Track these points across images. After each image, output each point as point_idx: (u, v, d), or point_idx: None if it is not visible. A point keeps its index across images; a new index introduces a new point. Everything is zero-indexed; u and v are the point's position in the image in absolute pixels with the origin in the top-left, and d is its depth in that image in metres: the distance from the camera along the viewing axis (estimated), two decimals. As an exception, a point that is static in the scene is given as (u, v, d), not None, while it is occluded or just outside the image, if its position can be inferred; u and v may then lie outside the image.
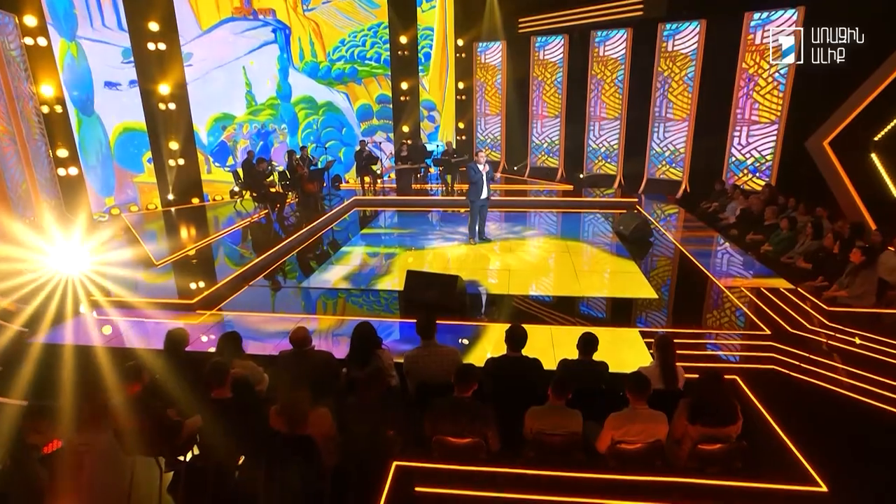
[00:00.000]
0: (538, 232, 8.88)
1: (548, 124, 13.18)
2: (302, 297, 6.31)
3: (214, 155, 11.60)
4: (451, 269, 6.93)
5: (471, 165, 7.54)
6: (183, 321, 5.45)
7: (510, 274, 6.71)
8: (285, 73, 12.42)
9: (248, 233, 8.93)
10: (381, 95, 13.96)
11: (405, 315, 5.54)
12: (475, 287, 6.35)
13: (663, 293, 6.05)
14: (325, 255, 7.91)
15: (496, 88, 14.00)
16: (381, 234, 9.06)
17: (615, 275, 6.72)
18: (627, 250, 7.53)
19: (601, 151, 12.38)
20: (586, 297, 5.92)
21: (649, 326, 5.12)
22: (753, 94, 9.95)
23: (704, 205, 9.70)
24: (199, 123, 11.11)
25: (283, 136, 12.75)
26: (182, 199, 10.80)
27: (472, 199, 7.71)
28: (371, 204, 11.42)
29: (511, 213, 10.19)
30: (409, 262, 7.26)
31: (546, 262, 7.22)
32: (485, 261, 7.29)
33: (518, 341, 3.66)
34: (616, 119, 12.00)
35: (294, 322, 5.31)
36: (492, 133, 14.45)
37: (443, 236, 8.51)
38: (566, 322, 5.21)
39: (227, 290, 6.32)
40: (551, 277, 6.61)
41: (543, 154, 13.48)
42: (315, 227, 9.25)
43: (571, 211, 10.35)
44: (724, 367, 4.33)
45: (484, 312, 5.78)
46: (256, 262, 7.21)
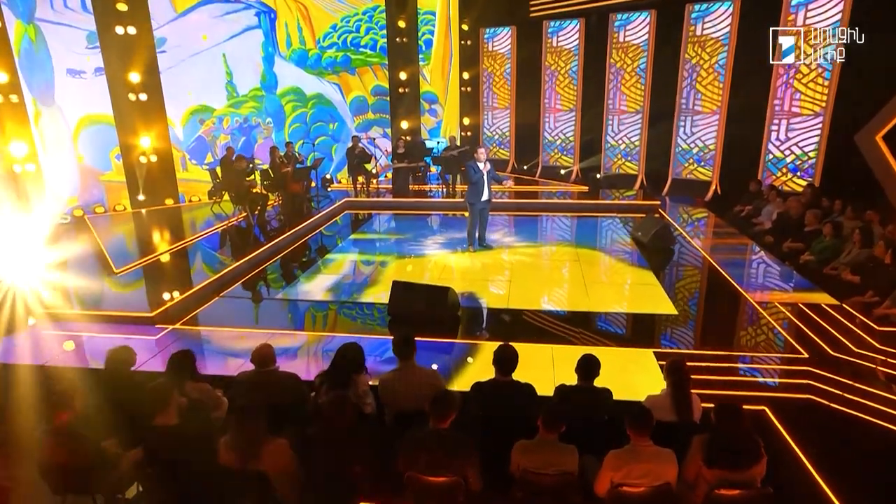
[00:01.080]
0: (547, 238, 8.87)
1: (562, 118, 13.11)
2: (279, 309, 6.28)
3: (191, 152, 11.62)
4: (446, 278, 6.89)
5: (470, 164, 7.47)
6: (139, 337, 5.37)
7: (511, 285, 6.65)
8: (270, 61, 12.44)
9: (225, 238, 8.94)
10: (377, 87, 13.96)
11: (392, 331, 5.50)
12: (471, 300, 6.28)
13: (684, 309, 5.94)
14: (309, 263, 7.92)
15: (505, 79, 13.97)
16: (373, 240, 9.07)
17: (630, 287, 6.64)
18: (646, 259, 7.46)
19: (620, 149, 12.31)
20: (595, 313, 5.81)
21: (666, 347, 4.99)
22: (794, 83, 9.76)
23: (737, 208, 9.52)
24: (173, 117, 11.13)
25: (269, 131, 12.76)
26: (154, 200, 10.81)
27: (471, 201, 7.63)
28: (364, 206, 11.42)
29: (519, 218, 10.19)
30: (407, 269, 7.26)
31: (553, 272, 7.19)
32: (484, 270, 7.25)
33: (507, 363, 3.53)
34: (637, 112, 11.92)
35: (267, 337, 5.23)
36: (500, 128, 14.41)
37: (441, 242, 8.49)
38: (570, 340, 5.12)
39: (194, 301, 6.26)
40: (557, 289, 6.55)
41: (556, 152, 13.39)
42: (299, 231, 9.22)
43: (587, 215, 10.31)
44: (751, 396, 4.14)
45: (479, 329, 5.71)
46: (230, 271, 7.16)
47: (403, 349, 3.74)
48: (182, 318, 5.85)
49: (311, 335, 5.41)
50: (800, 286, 6.36)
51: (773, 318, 5.56)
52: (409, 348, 3.76)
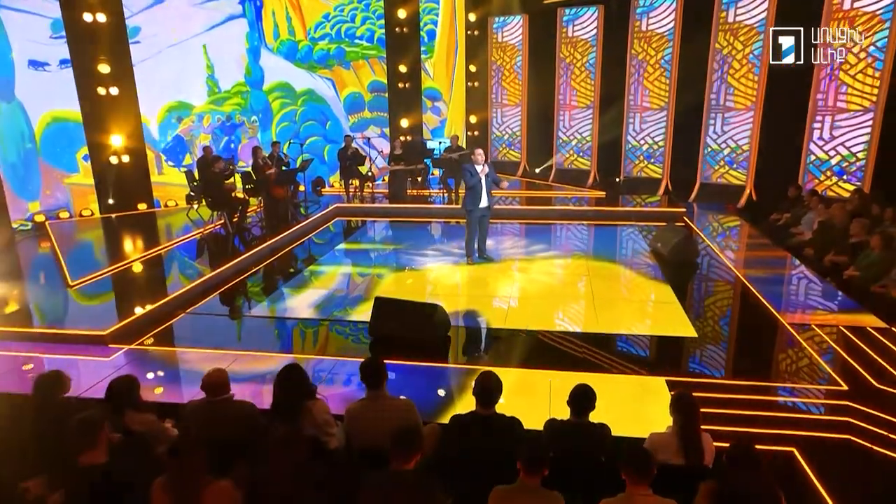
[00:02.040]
0: (557, 249, 8.76)
1: (578, 116, 13.03)
2: (255, 327, 6.24)
3: (167, 152, 11.67)
4: (439, 294, 6.82)
5: (466, 167, 7.40)
6: (90, 358, 5.30)
7: (511, 302, 6.55)
8: (256, 54, 12.50)
9: (201, 247, 8.93)
10: (374, 83, 13.95)
11: (378, 354, 5.29)
12: (466, 318, 6.19)
13: (706, 332, 5.79)
14: (292, 275, 7.91)
15: (515, 73, 13.94)
16: (364, 251, 9.07)
17: (646, 305, 6.52)
18: (666, 274, 7.36)
19: (643, 150, 12.19)
20: (603, 334, 5.67)
21: (681, 374, 4.83)
22: (840, 75, 9.56)
23: (773, 216, 9.32)
24: (148, 114, 11.20)
25: (254, 130, 12.80)
26: (125, 205, 10.86)
27: (468, 208, 7.54)
28: (356, 212, 11.41)
29: (530, 226, 10.15)
30: (407, 283, 7.27)
31: (559, 287, 7.11)
32: (482, 285, 7.17)
33: (487, 394, 3.39)
34: (662, 109, 11.83)
35: (237, 359, 5.18)
36: (510, 127, 14.37)
37: (439, 254, 8.45)
38: (572, 365, 4.97)
39: (157, 317, 6.21)
40: (563, 307, 6.44)
41: (572, 153, 13.30)
42: (282, 240, 9.20)
43: (605, 224, 10.22)
44: (778, 435, 3.93)
45: (473, 352, 5.63)
46: (200, 284, 7.10)
47: (371, 376, 3.61)
48: (140, 337, 5.76)
49: (292, 357, 5.31)
50: (843, 306, 6.18)
51: (810, 343, 5.36)
52: (379, 375, 3.63)
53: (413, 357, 5.08)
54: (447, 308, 6.05)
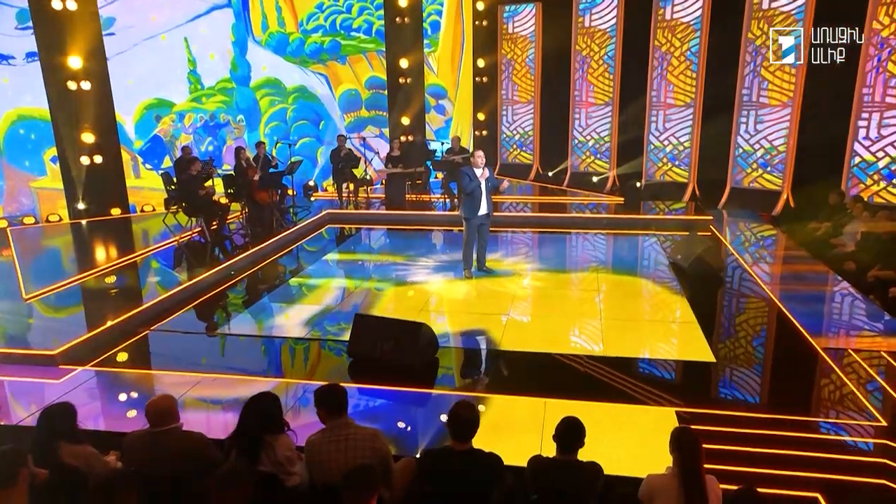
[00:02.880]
0: (566, 262, 8.72)
1: (595, 114, 13.00)
2: (228, 345, 6.20)
3: (145, 154, 11.74)
4: (431, 311, 6.75)
5: (464, 170, 7.37)
6: (38, 380, 5.24)
7: (510, 321, 6.47)
8: (242, 47, 12.58)
9: (174, 257, 8.95)
10: (372, 79, 14.01)
11: (354, 377, 5.33)
12: (457, 339, 6.12)
13: (726, 356, 5.64)
14: (270, 289, 7.92)
15: (527, 67, 13.97)
16: (354, 261, 9.06)
17: (661, 325, 6.37)
18: (685, 290, 7.26)
19: (667, 151, 12.15)
20: (608, 358, 5.52)
21: (693, 405, 4.64)
22: (889, 66, 9.38)
23: (812, 226, 9.12)
24: (124, 112, 11.29)
25: (240, 130, 12.86)
26: (98, 210, 10.92)
27: (466, 215, 7.50)
28: (349, 219, 11.44)
29: (541, 235, 10.17)
30: (409, 295, 7.29)
31: (564, 303, 7.02)
32: (480, 302, 7.11)
33: (463, 427, 3.29)
34: (688, 106, 11.76)
35: (196, 383, 5.11)
36: (522, 127, 14.37)
37: (436, 265, 8.43)
38: (569, 393, 4.81)
39: (118, 334, 6.15)
40: (565, 327, 6.31)
41: (588, 155, 13.24)
42: (265, 249, 9.18)
43: (623, 233, 10.14)
44: (800, 478, 3.74)
45: (462, 376, 5.53)
46: (169, 298, 7.05)
47: (330, 402, 3.50)
48: (96, 357, 5.68)
49: (261, 381, 5.23)
50: (888, 328, 5.99)
51: (846, 371, 5.15)
52: (338, 402, 3.52)
53: (396, 381, 5.02)
54: (438, 326, 6.03)
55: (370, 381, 5.12)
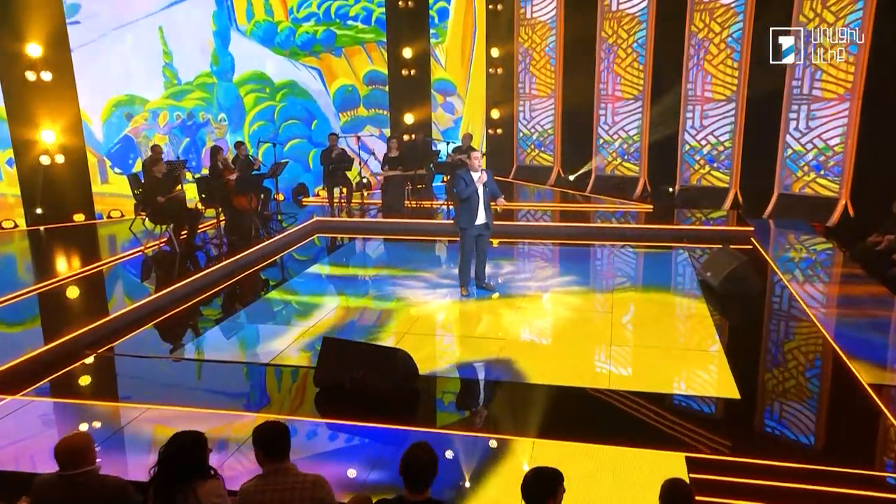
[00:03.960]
0: (580, 279, 8.59)
1: (623, 110, 13.01)
2: (171, 373, 6.17)
3: (114, 157, 11.80)
4: (419, 333, 6.72)
5: (459, 174, 7.36)
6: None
7: (505, 347, 6.37)
8: (225, 38, 12.67)
9: (137, 270, 8.98)
10: (371, 73, 14.04)
11: (323, 411, 5.26)
12: (444, 368, 6.02)
13: (753, 392, 5.47)
14: (238, 307, 7.93)
15: (547, 57, 13.98)
16: (342, 276, 9.06)
17: (679, 354, 6.22)
18: (713, 313, 7.14)
19: (704, 152, 12.08)
20: (613, 392, 5.39)
21: (706, 450, 4.46)
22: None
23: (872, 239, 8.87)
24: (90, 110, 11.37)
25: (222, 131, 12.91)
26: (58, 215, 10.98)
27: (462, 225, 7.47)
28: (339, 228, 11.46)
29: (562, 248, 10.20)
30: (395, 314, 7.29)
31: (568, 326, 6.99)
32: (476, 324, 7.08)
33: (419, 473, 3.14)
34: (729, 100, 11.69)
35: (139, 414, 5.07)
36: (540, 124, 14.41)
37: (432, 281, 8.42)
38: (562, 432, 4.70)
39: (58, 357, 6.08)
40: (567, 354, 6.21)
41: (615, 156, 13.19)
42: (240, 261, 9.15)
43: (653, 246, 10.07)
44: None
45: (445, 411, 5.47)
46: (119, 318, 7.00)
47: (269, 444, 3.41)
48: (27, 387, 5.59)
49: (218, 413, 5.16)
50: None
51: None
52: (277, 443, 3.42)
53: (365, 415, 4.93)
54: (423, 351, 6.03)
55: (336, 416, 5.06)
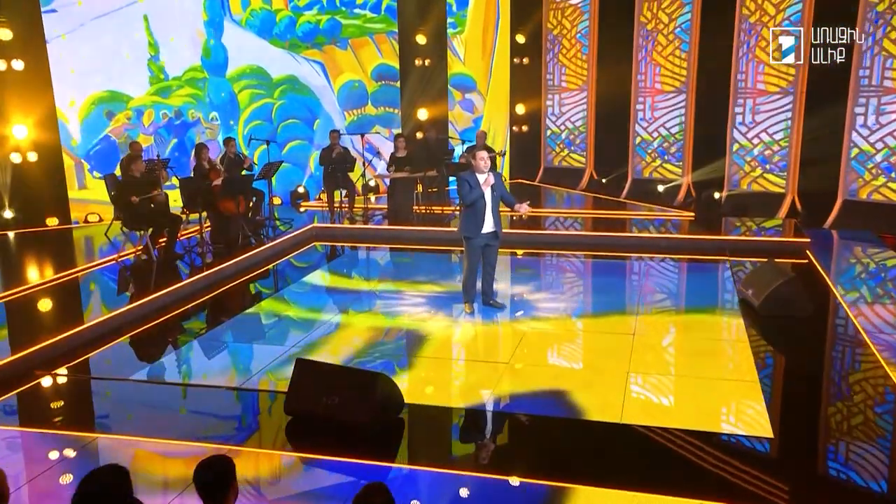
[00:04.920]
0: (604, 295, 8.64)
1: (664, 104, 12.91)
2: (127, 397, 6.21)
3: (93, 159, 11.94)
4: (408, 355, 6.76)
5: (463, 176, 7.43)
6: None
7: (504, 372, 6.37)
8: (217, 28, 12.82)
9: (107, 280, 9.09)
10: (380, 67, 14.12)
11: (294, 444, 5.25)
12: (440, 395, 6.10)
13: (790, 431, 5.32)
14: (212, 324, 7.98)
15: (579, 45, 13.96)
16: (336, 290, 9.13)
17: (708, 384, 6.09)
18: (753, 337, 7.04)
19: (755, 153, 11.94)
20: (628, 427, 5.28)
21: (729, 497, 4.32)
22: None
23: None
24: (67, 108, 11.57)
25: (214, 131, 13.02)
26: (30, 219, 11.19)
27: (466, 234, 7.50)
28: (339, 236, 11.53)
29: (594, 262, 10.28)
30: (386, 333, 7.33)
31: (584, 351, 7.01)
32: (479, 346, 7.12)
33: None
34: (785, 93, 11.50)
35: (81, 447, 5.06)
36: (571, 120, 14.40)
37: (434, 297, 8.47)
38: (572, 473, 4.63)
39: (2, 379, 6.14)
40: (577, 382, 6.14)
41: (654, 156, 13.03)
42: (222, 273, 9.20)
43: (694, 259, 10.06)
44: None
45: (436, 447, 5.51)
46: (75, 336, 7.02)
47: (204, 483, 3.38)
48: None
49: (172, 444, 5.20)
50: None
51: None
52: (215, 482, 3.38)
53: (339, 449, 4.89)
54: (413, 376, 6.13)
55: (306, 448, 5.07)
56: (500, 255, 10.08)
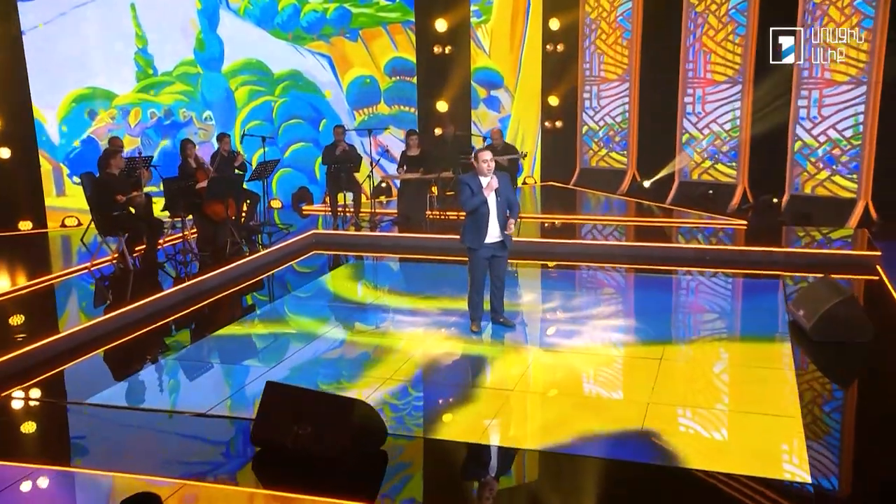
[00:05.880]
0: (630, 315, 8.73)
1: (716, 96, 12.88)
2: (82, 423, 6.27)
3: (74, 163, 12.11)
4: (402, 381, 6.72)
5: (464, 179, 7.52)
6: None
7: (507, 399, 6.36)
8: (212, 18, 12.98)
9: (81, 290, 9.27)
10: (395, 61, 14.21)
11: (261, 478, 5.29)
12: (431, 425, 6.08)
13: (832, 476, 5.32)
14: (193, 340, 8.12)
15: (620, 29, 14.00)
16: (331, 305, 9.19)
17: (742, 419, 6.08)
18: (801, 365, 6.97)
19: (820, 153, 11.85)
20: (634, 465, 5.25)
21: None
22: None
23: None
24: (45, 105, 11.79)
25: (207, 132, 13.11)
26: (0, 222, 11.45)
27: (470, 244, 7.55)
28: (341, 243, 11.60)
29: (635, 277, 10.31)
30: (378, 353, 7.39)
31: (598, 377, 7.00)
32: (486, 370, 7.11)
33: None
34: (857, 82, 11.40)
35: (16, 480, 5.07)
36: (611, 115, 14.48)
37: (439, 313, 8.55)
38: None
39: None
40: (586, 412, 6.13)
41: (705, 155, 13.12)
42: (205, 284, 9.29)
43: (747, 272, 10.03)
44: None
45: (425, 484, 5.47)
46: (26, 355, 7.08)
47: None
48: None
49: (119, 477, 5.18)
50: None
51: None
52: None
53: (311, 486, 4.90)
54: (403, 403, 6.19)
55: (273, 485, 5.07)
56: (528, 266, 10.43)
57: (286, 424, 5.36)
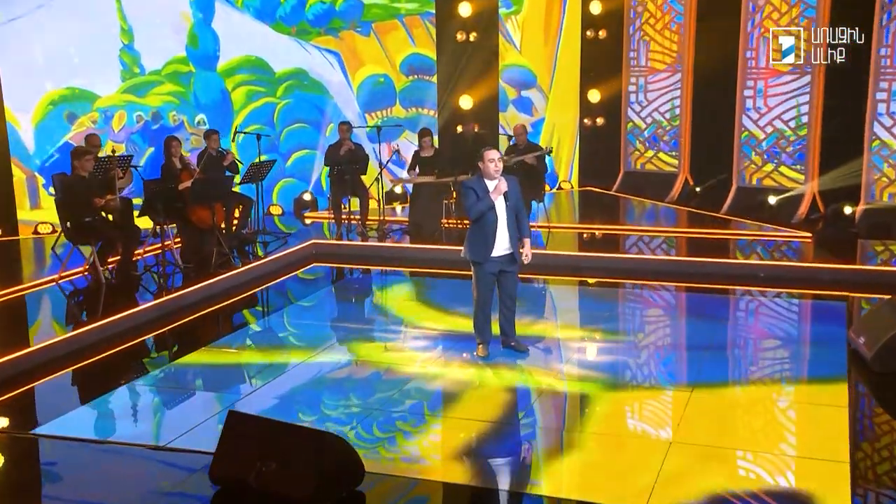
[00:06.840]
0: (661, 338, 8.90)
1: (779, 89, 12.96)
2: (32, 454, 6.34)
3: (49, 172, 12.03)
4: (394, 412, 6.79)
5: (467, 183, 7.60)
6: None
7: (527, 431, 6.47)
8: (207, 10, 13.16)
9: (40, 306, 9.40)
10: (412, 58, 14.34)
11: None
12: (426, 462, 6.13)
13: None
14: (164, 364, 8.19)
15: (671, 14, 14.15)
16: (325, 323, 9.28)
17: (776, 462, 6.11)
18: (857, 400, 7.00)
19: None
20: None
21: None
22: None
23: None
24: (18, 108, 11.99)
25: (199, 138, 13.15)
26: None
27: (474, 258, 7.60)
28: (344, 255, 11.83)
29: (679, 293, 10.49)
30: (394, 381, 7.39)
31: (614, 415, 6.94)
32: (488, 402, 7.07)
33: None
34: None
35: None
36: (659, 112, 14.60)
37: (445, 334, 8.66)
38: None
39: None
40: (598, 456, 6.09)
41: (766, 156, 12.93)
42: (185, 300, 9.42)
43: (812, 292, 10.06)
44: None
45: None
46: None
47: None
48: None
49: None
50: None
51: None
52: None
53: None
54: (385, 436, 6.21)
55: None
56: (564, 284, 10.44)
57: (249, 460, 5.32)
